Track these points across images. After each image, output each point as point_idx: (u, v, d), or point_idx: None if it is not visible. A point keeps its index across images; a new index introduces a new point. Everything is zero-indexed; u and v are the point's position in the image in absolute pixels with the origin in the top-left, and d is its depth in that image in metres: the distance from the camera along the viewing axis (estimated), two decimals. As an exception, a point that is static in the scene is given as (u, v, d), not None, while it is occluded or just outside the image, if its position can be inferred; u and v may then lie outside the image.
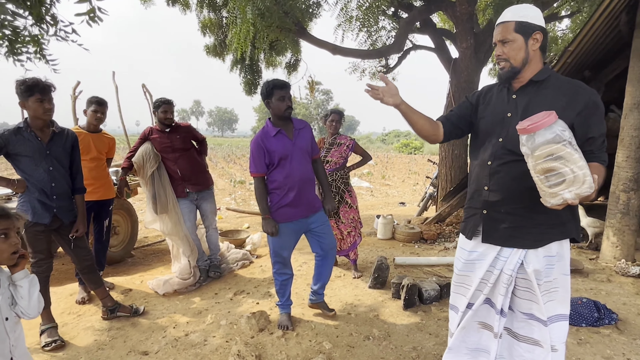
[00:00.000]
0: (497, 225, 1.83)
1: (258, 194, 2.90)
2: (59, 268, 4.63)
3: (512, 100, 1.81)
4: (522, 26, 1.72)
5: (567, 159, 1.44)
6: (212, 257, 4.28)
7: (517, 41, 1.73)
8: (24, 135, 2.74)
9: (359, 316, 3.21)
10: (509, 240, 1.81)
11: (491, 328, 1.93)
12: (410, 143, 41.67)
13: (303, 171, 2.87)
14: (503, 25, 1.75)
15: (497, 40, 1.78)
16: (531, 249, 1.77)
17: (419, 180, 17.35)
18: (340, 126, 4.11)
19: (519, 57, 1.74)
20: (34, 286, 1.69)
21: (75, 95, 5.56)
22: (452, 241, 5.39)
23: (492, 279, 1.86)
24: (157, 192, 3.84)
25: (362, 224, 4.23)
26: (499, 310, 1.86)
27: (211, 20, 7.50)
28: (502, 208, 1.80)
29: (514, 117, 1.77)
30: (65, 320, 3.23)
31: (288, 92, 2.82)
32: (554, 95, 1.73)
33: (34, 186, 2.79)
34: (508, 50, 1.74)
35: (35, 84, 2.66)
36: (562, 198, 1.47)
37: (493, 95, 1.91)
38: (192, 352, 2.73)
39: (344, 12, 6.17)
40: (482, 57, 6.45)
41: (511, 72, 1.77)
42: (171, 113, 3.87)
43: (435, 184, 7.36)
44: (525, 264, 1.78)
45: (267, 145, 2.82)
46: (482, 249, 1.89)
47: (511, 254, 1.81)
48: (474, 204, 1.92)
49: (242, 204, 11.05)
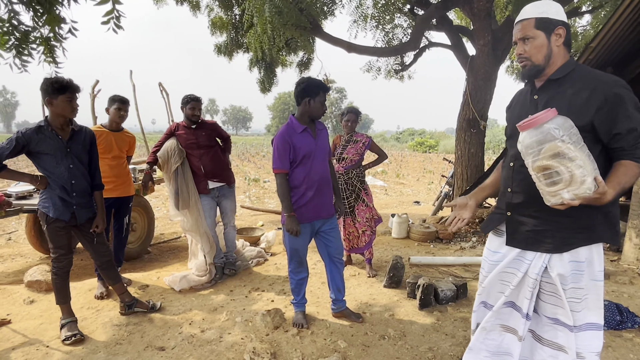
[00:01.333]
0: (520, 227, 1.79)
1: (282, 191, 2.81)
2: (77, 263, 4.72)
3: (534, 100, 1.77)
4: (543, 22, 1.67)
5: (563, 157, 1.40)
6: (228, 254, 4.31)
7: (538, 38, 1.68)
8: (45, 134, 2.79)
9: (374, 315, 3.20)
10: (532, 243, 1.76)
11: (515, 331, 1.88)
12: (425, 141, 41.29)
13: (323, 171, 2.87)
14: (523, 22, 1.70)
15: (517, 38, 1.73)
16: (555, 253, 1.72)
17: (434, 179, 17.18)
18: (357, 125, 4.09)
19: (540, 54, 1.69)
20: None
21: (94, 94, 5.65)
22: (468, 241, 5.32)
23: (515, 281, 1.82)
24: (180, 188, 3.89)
25: (381, 219, 4.20)
26: (525, 314, 1.82)
27: (222, 19, 7.54)
28: (525, 210, 1.77)
29: None
30: (84, 314, 3.29)
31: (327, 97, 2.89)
32: (574, 92, 1.66)
33: (55, 183, 2.85)
34: (529, 48, 1.69)
35: (68, 83, 2.74)
36: (561, 198, 1.44)
37: (519, 98, 1.90)
38: (208, 349, 2.75)
39: (359, 10, 6.14)
40: (499, 55, 6.33)
41: (533, 70, 1.72)
42: (199, 110, 3.93)
43: (451, 183, 7.27)
44: (549, 268, 1.73)
45: (293, 141, 2.77)
46: (505, 251, 1.87)
47: (535, 257, 1.76)
48: (500, 204, 1.91)
49: (257, 201, 11.10)
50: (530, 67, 1.72)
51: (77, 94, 2.82)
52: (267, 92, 7.59)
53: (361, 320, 3.08)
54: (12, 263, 5.07)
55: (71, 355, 2.71)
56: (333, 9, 6.44)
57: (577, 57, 4.36)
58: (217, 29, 7.51)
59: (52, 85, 2.71)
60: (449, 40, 6.68)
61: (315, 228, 2.97)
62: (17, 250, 5.75)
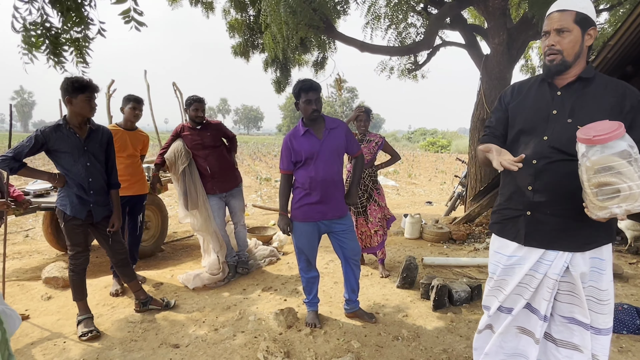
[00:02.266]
0: (541, 227, 1.73)
1: (281, 189, 2.96)
2: (93, 261, 4.78)
3: (557, 97, 1.72)
4: (582, 18, 1.62)
5: (625, 175, 1.38)
6: (240, 253, 4.33)
7: (574, 33, 1.62)
8: (63, 132, 2.84)
9: (387, 316, 3.18)
10: (554, 242, 1.72)
11: (532, 334, 1.85)
12: (437, 141, 40.98)
13: (328, 172, 2.84)
14: (562, 13, 1.63)
15: (552, 28, 1.65)
16: (579, 251, 1.68)
17: (447, 179, 17.04)
18: (369, 124, 4.07)
19: (573, 50, 1.64)
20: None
21: (109, 94, 5.72)
22: (482, 242, 5.26)
23: (534, 283, 1.77)
24: (188, 189, 3.92)
25: (394, 218, 4.18)
26: (543, 317, 1.78)
27: (238, 20, 7.57)
28: (548, 209, 1.71)
29: (560, 115, 1.69)
30: (100, 311, 3.34)
31: (315, 94, 2.77)
32: (602, 94, 1.64)
33: (72, 181, 2.89)
34: (565, 41, 1.63)
35: (88, 83, 2.80)
36: (610, 212, 1.42)
37: (532, 90, 1.81)
38: (222, 347, 2.76)
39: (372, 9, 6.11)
40: (514, 54, 6.25)
41: (562, 66, 1.66)
42: (202, 111, 3.93)
43: (464, 183, 7.20)
44: (571, 267, 1.69)
45: (294, 144, 2.84)
46: (523, 253, 1.80)
47: (556, 257, 1.72)
48: (513, 204, 1.82)
49: (268, 201, 11.14)
50: (559, 61, 1.66)
51: (96, 93, 2.87)
52: (282, 92, 7.61)
53: (374, 320, 3.06)
54: (30, 260, 5.16)
55: (88, 351, 2.75)
56: (346, 9, 6.43)
57: (595, 56, 4.27)
58: (235, 31, 7.55)
59: (72, 84, 2.76)
60: (463, 39, 6.62)
61: (322, 228, 2.96)
62: (35, 247, 5.86)
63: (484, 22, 6.94)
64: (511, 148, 1.83)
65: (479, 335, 2.02)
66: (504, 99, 1.90)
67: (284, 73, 7.47)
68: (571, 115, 1.65)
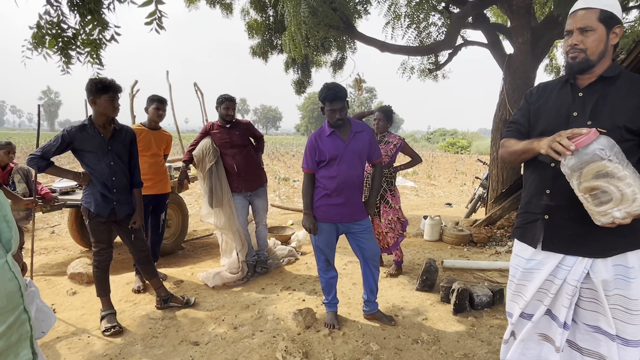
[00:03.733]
0: (560, 231, 1.69)
1: (304, 189, 2.97)
2: (116, 257, 4.86)
3: (579, 98, 1.66)
4: (607, 16, 1.57)
5: (612, 176, 1.39)
6: (259, 252, 4.36)
7: (598, 31, 1.57)
8: (88, 132, 2.91)
9: (406, 319, 3.15)
10: (573, 247, 1.66)
11: (553, 342, 1.79)
12: (457, 142, 40.41)
13: (350, 174, 2.85)
14: (586, 11, 1.58)
15: (575, 27, 1.61)
16: (599, 257, 1.63)
17: (467, 180, 16.80)
18: (388, 125, 4.03)
19: (597, 49, 1.58)
20: (31, 303, 1.39)
21: (133, 94, 5.84)
22: (503, 245, 5.16)
23: (554, 289, 1.72)
24: (214, 186, 3.97)
25: (407, 222, 4.11)
26: (562, 324, 1.73)
27: (257, 21, 7.62)
28: (566, 213, 1.66)
29: (580, 117, 1.63)
30: (122, 307, 3.40)
31: (340, 104, 2.75)
32: (626, 94, 1.58)
33: (97, 180, 2.96)
34: (588, 40, 1.58)
35: (111, 83, 2.85)
36: (611, 217, 1.42)
37: (554, 92, 1.77)
38: (241, 345, 2.78)
39: (392, 9, 6.07)
40: (539, 53, 6.11)
41: (585, 65, 1.60)
42: (232, 110, 3.99)
43: (485, 185, 7.08)
44: (592, 273, 1.63)
45: (319, 144, 2.86)
46: (542, 257, 1.75)
47: (575, 262, 1.66)
48: (532, 208, 1.78)
49: (287, 200, 11.18)
50: (582, 60, 1.61)
51: (119, 93, 2.93)
52: (302, 93, 7.62)
53: (393, 323, 3.04)
54: (56, 255, 5.31)
55: (110, 346, 2.80)
56: (366, 8, 6.39)
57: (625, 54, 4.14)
58: (253, 31, 7.60)
59: (95, 85, 2.83)
60: (486, 38, 6.50)
61: (340, 230, 2.96)
62: (60, 243, 6.03)
63: (507, 21, 6.81)
64: None
65: (505, 346, 1.97)
66: (529, 98, 1.87)
67: (305, 74, 7.48)
68: (592, 117, 1.60)
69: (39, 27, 2.79)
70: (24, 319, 1.14)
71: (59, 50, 2.89)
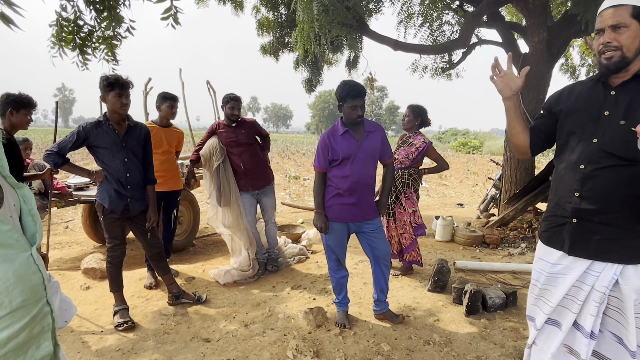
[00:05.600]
0: (589, 236, 1.63)
1: (315, 187, 2.95)
2: (128, 253, 4.88)
3: (611, 97, 1.61)
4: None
5: None
6: (270, 250, 4.36)
7: (632, 27, 1.51)
8: (103, 128, 2.94)
9: (418, 320, 3.12)
10: (602, 253, 1.60)
11: (577, 354, 1.71)
12: (469, 142, 40.02)
13: (363, 174, 2.84)
14: (617, 8, 1.53)
15: (607, 25, 1.55)
16: (630, 264, 1.56)
17: (479, 181, 16.63)
18: (416, 122, 3.88)
19: (633, 45, 1.52)
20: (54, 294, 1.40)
21: (146, 91, 5.89)
22: (516, 247, 5.09)
23: (582, 295, 1.66)
24: (222, 185, 3.98)
25: (423, 227, 3.97)
26: (589, 333, 1.66)
27: (268, 19, 7.61)
28: (596, 217, 1.60)
29: (613, 116, 1.58)
30: (134, 303, 3.43)
31: (362, 100, 2.77)
32: None
33: (111, 176, 2.99)
34: (623, 37, 1.53)
35: (115, 80, 2.85)
36: None
37: (583, 91, 1.71)
38: (252, 343, 2.78)
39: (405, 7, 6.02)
40: (555, 52, 6.00)
41: (622, 63, 1.54)
42: (238, 109, 4.00)
43: (498, 185, 6.99)
44: (621, 280, 1.57)
45: (332, 143, 2.84)
46: (568, 262, 1.69)
47: (604, 268, 1.60)
48: (559, 211, 1.72)
49: (297, 199, 11.19)
50: (618, 58, 1.55)
51: (127, 90, 2.91)
52: (312, 92, 7.61)
53: (400, 319, 3.03)
54: (70, 250, 5.39)
55: (123, 341, 2.83)
56: (379, 7, 6.35)
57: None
58: (264, 29, 7.60)
59: (103, 82, 2.86)
60: (501, 37, 6.41)
61: (351, 229, 2.95)
62: (74, 238, 6.11)
63: (523, 19, 6.71)
64: (561, 152, 1.76)
65: (529, 351, 1.92)
66: (550, 101, 1.84)
67: (315, 72, 7.46)
68: (625, 117, 1.54)
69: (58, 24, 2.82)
70: (47, 312, 1.16)
71: (76, 47, 2.92)
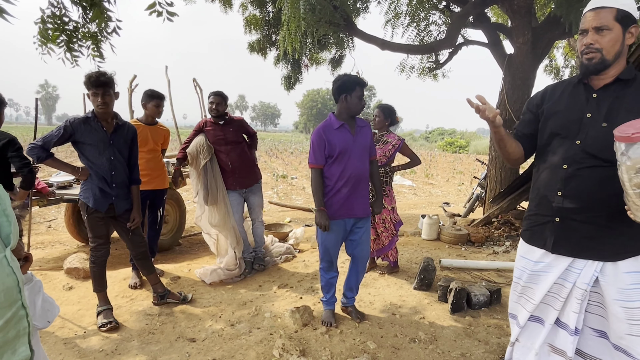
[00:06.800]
0: (571, 234, 1.67)
1: (315, 185, 2.86)
2: (112, 253, 4.81)
3: (593, 99, 1.64)
4: (624, 15, 1.55)
5: None
6: (256, 249, 4.34)
7: (615, 30, 1.55)
8: (91, 125, 2.89)
9: (403, 317, 3.15)
10: (584, 251, 1.65)
11: (563, 352, 1.74)
12: (455, 141, 40.43)
13: (360, 168, 2.84)
14: (601, 10, 1.56)
15: (591, 26, 1.58)
16: (610, 261, 1.61)
17: (465, 180, 16.82)
18: (386, 122, 3.96)
19: (613, 49, 1.56)
20: (37, 293, 1.42)
21: (131, 89, 5.80)
22: (501, 245, 5.17)
23: (564, 293, 1.70)
24: (209, 183, 3.94)
25: (401, 222, 4.07)
26: (573, 330, 1.69)
27: (255, 17, 7.59)
28: (578, 216, 1.64)
29: (595, 119, 1.61)
30: (119, 303, 3.39)
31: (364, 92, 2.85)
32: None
33: (95, 174, 2.94)
34: (604, 40, 1.56)
35: (89, 78, 2.78)
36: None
37: (565, 93, 1.74)
38: (238, 343, 2.77)
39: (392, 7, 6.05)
40: (539, 53, 6.10)
41: (601, 65, 1.58)
42: (218, 104, 3.93)
43: (483, 184, 7.08)
44: (601, 277, 1.62)
45: (328, 138, 2.81)
46: (550, 260, 1.73)
47: (585, 266, 1.64)
48: (542, 210, 1.76)
49: (284, 198, 11.17)
50: (598, 60, 1.58)
51: (105, 89, 2.81)
52: (291, 90, 7.61)
53: (359, 320, 3.04)
54: (52, 250, 5.29)
55: (107, 341, 2.79)
56: (367, 6, 6.37)
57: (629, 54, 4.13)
58: (252, 27, 7.57)
59: (84, 80, 2.80)
60: (486, 38, 6.49)
61: (348, 227, 2.94)
62: (57, 237, 6.00)
63: (508, 20, 6.80)
64: (543, 152, 1.79)
65: (511, 348, 1.95)
66: (533, 101, 1.86)
67: (296, 70, 7.46)
68: (607, 119, 1.58)
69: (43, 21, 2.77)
70: (22, 315, 1.12)
71: (62, 44, 2.87)
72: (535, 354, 1.80)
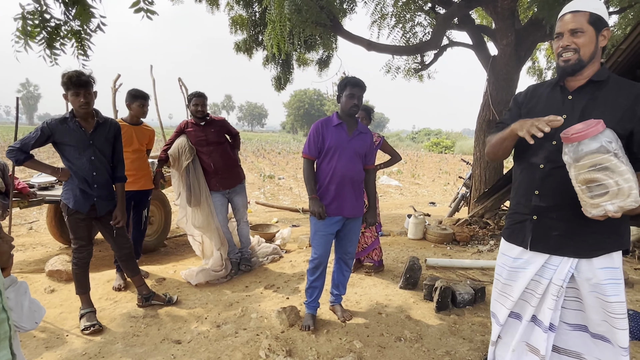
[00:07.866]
0: (547, 232, 1.72)
1: (306, 174, 2.92)
2: (96, 254, 4.78)
3: (568, 101, 1.70)
4: (596, 19, 1.61)
5: (612, 171, 1.40)
6: (243, 250, 4.32)
7: (589, 33, 1.61)
8: (69, 125, 2.84)
9: (389, 316, 3.17)
10: (559, 248, 1.70)
11: (537, 351, 1.78)
12: (441, 142, 40.84)
13: (349, 169, 2.85)
14: (576, 14, 1.63)
15: (566, 29, 1.64)
16: (585, 258, 1.66)
17: (450, 180, 17.00)
18: (368, 123, 4.00)
19: (588, 50, 1.62)
20: (23, 295, 1.37)
21: (115, 88, 5.71)
22: (485, 244, 5.24)
23: (540, 289, 1.75)
24: (192, 185, 3.91)
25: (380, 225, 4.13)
26: (547, 327, 1.74)
27: (242, 17, 7.55)
28: (554, 214, 1.70)
29: (570, 120, 1.66)
30: (102, 305, 3.34)
31: (360, 91, 2.84)
32: (615, 98, 1.62)
33: (76, 175, 2.89)
34: (579, 41, 1.62)
35: (69, 79, 2.72)
36: (603, 209, 1.44)
37: (543, 95, 1.80)
38: (224, 344, 2.76)
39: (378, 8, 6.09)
40: (522, 55, 6.21)
41: (578, 65, 1.63)
42: (202, 106, 3.91)
43: (468, 184, 7.18)
44: (576, 274, 1.67)
45: (324, 132, 2.87)
46: (528, 257, 1.79)
47: (561, 262, 1.70)
48: (520, 209, 1.81)
49: (271, 198, 11.13)
50: (575, 62, 1.64)
51: (85, 88, 2.76)
52: (281, 90, 7.60)
53: (343, 320, 3.06)
54: (33, 252, 5.18)
55: (90, 344, 2.75)
56: (353, 7, 6.39)
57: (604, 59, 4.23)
58: (238, 27, 7.54)
59: (61, 80, 2.75)
60: (471, 40, 6.58)
61: (338, 225, 2.95)
62: (38, 239, 5.88)
63: (492, 23, 6.90)
64: (521, 153, 1.83)
65: (493, 347, 1.98)
66: (518, 99, 1.90)
67: (286, 70, 7.45)
68: (580, 120, 1.63)
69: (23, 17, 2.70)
70: (2, 319, 1.11)
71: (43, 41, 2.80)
72: (512, 350, 1.84)
